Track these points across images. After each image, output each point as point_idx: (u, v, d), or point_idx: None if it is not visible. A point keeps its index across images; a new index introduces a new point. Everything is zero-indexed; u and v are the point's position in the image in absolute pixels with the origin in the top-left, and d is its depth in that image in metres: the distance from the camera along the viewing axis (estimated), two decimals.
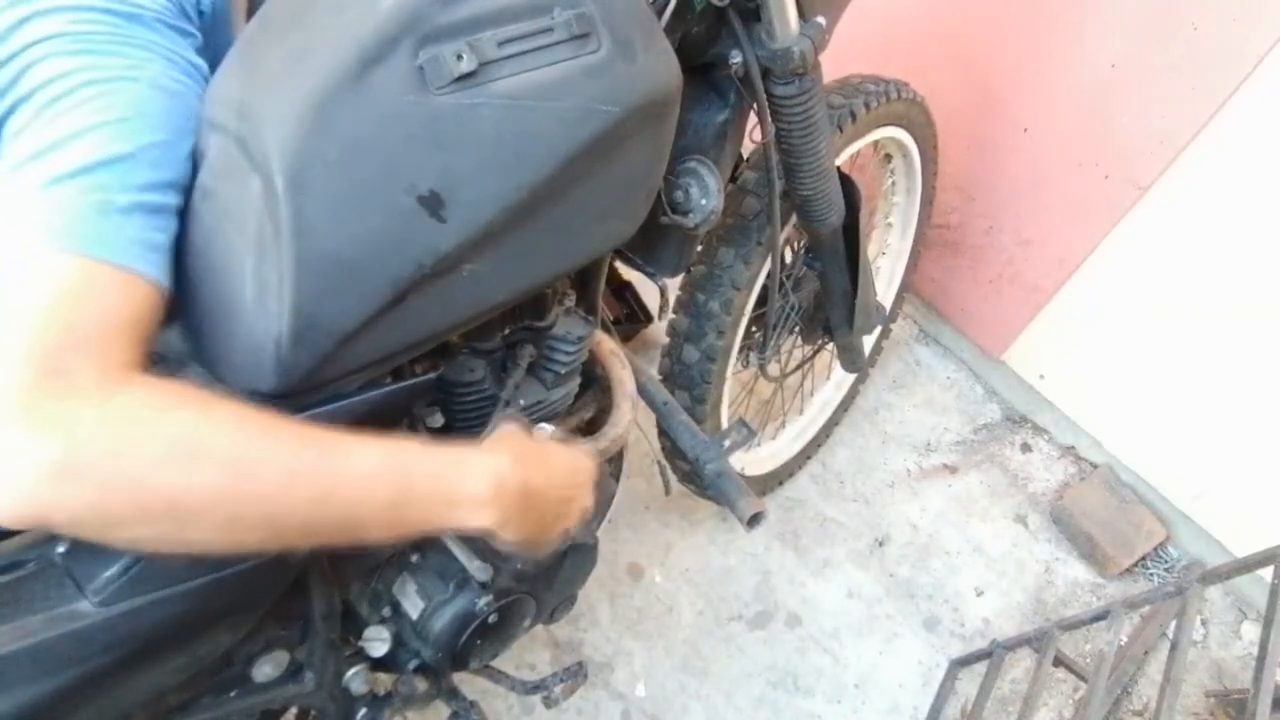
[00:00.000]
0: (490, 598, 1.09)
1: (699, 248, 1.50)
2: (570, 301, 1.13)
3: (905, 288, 2.22)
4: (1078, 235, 2.01)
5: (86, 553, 0.75)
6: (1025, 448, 2.36)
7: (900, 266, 2.17)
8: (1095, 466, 2.29)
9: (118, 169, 0.68)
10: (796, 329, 1.84)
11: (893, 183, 2.03)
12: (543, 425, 1.08)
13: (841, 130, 1.54)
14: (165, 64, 0.75)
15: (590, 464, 0.99)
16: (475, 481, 0.80)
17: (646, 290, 1.53)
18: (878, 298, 1.83)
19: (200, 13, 0.83)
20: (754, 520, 1.25)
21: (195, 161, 0.81)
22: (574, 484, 0.95)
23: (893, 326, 2.28)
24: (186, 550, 0.66)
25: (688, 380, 1.64)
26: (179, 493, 0.63)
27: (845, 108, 1.56)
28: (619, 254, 1.38)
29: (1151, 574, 2.15)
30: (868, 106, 1.59)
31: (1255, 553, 1.45)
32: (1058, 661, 1.69)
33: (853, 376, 2.19)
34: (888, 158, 1.96)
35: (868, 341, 2.07)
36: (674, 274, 1.39)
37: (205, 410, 0.66)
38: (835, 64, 1.45)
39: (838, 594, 2.02)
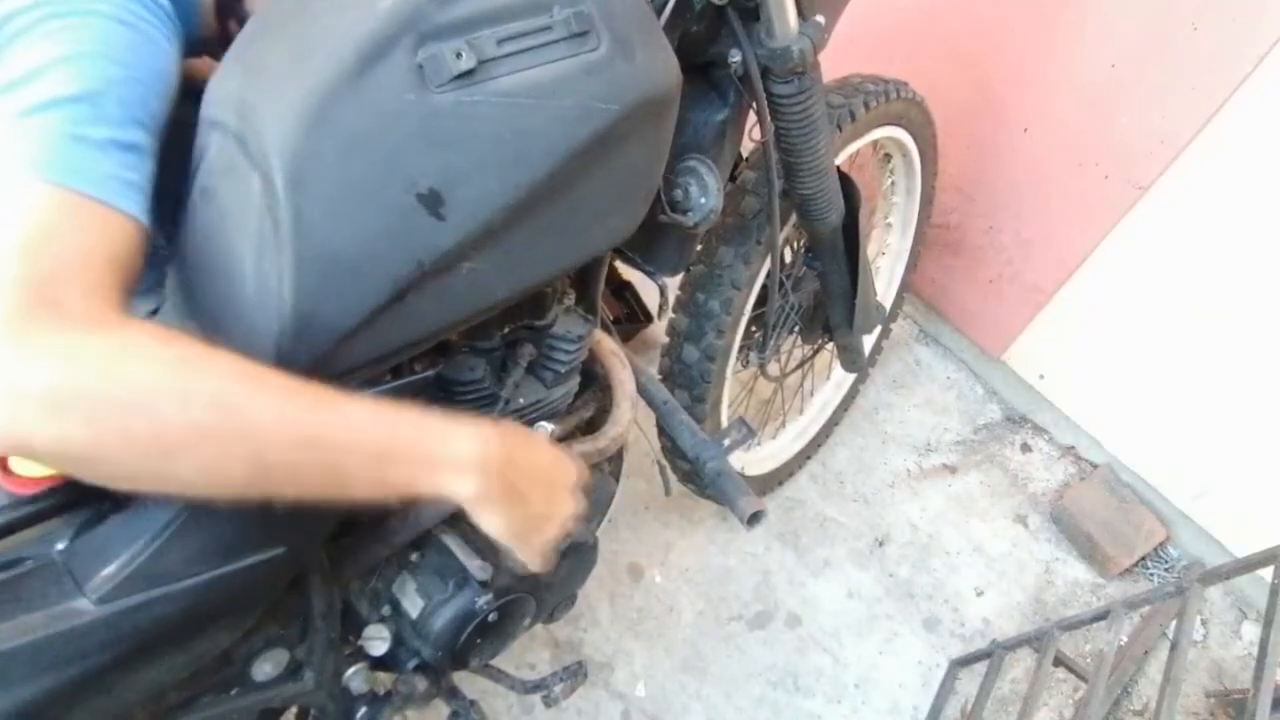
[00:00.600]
0: (490, 597, 1.08)
1: (699, 247, 1.50)
2: (570, 300, 1.13)
3: (905, 287, 2.22)
4: (1078, 235, 2.02)
5: (86, 550, 0.75)
6: (1025, 448, 2.36)
7: (900, 266, 2.17)
8: (1095, 466, 2.29)
9: (88, 104, 0.69)
10: (796, 329, 1.84)
11: (892, 182, 2.03)
12: (543, 424, 1.08)
13: (841, 130, 1.55)
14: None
15: (578, 468, 0.96)
16: (460, 445, 0.78)
17: (646, 290, 1.53)
18: (877, 297, 1.83)
19: None
20: (754, 519, 1.25)
21: (195, 158, 0.81)
22: (560, 481, 0.93)
23: (892, 326, 2.28)
24: (166, 489, 0.66)
25: (688, 380, 1.64)
26: (167, 427, 0.63)
27: (845, 107, 1.56)
28: (619, 253, 1.38)
29: (1151, 574, 2.15)
30: (867, 106, 1.59)
31: (1255, 553, 1.45)
32: (1058, 661, 1.69)
33: (852, 376, 2.19)
34: (887, 157, 1.96)
35: (867, 341, 2.07)
36: (674, 273, 1.39)
37: (197, 351, 0.66)
38: (835, 64, 1.45)
39: (838, 594, 2.02)
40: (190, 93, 0.91)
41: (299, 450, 0.69)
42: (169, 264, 0.86)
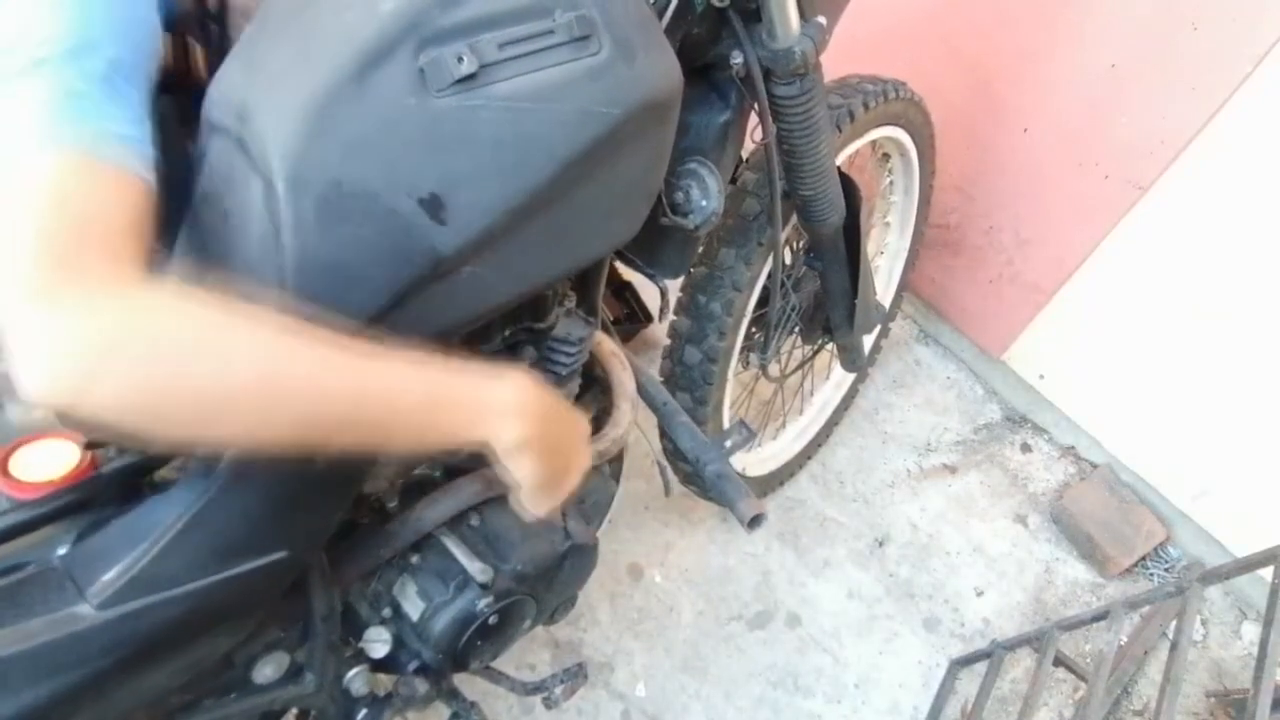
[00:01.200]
0: (490, 599, 1.08)
1: (700, 249, 1.50)
2: (570, 303, 1.13)
3: (904, 287, 2.22)
4: (1078, 235, 2.02)
5: (87, 555, 0.75)
6: (1025, 448, 2.36)
7: (899, 266, 2.17)
8: (1095, 466, 2.29)
9: (81, 60, 0.67)
10: (796, 329, 1.84)
11: (891, 182, 2.03)
12: None
13: (840, 130, 1.54)
14: None
15: (585, 425, 0.99)
16: (503, 392, 0.80)
17: (646, 290, 1.53)
18: (877, 297, 1.83)
19: None
20: (754, 522, 1.25)
21: (195, 161, 0.81)
22: (579, 435, 0.95)
23: (892, 326, 2.28)
24: (213, 442, 0.67)
25: (689, 382, 1.64)
26: (210, 387, 0.63)
27: (844, 107, 1.56)
28: (620, 255, 1.38)
29: (1151, 574, 2.15)
30: (866, 106, 1.59)
31: (1255, 553, 1.45)
32: (1058, 661, 1.69)
33: (852, 376, 2.19)
34: (886, 157, 1.96)
35: (867, 341, 2.07)
36: (675, 275, 1.39)
37: (235, 309, 0.66)
38: (834, 65, 1.45)
39: (838, 594, 2.02)
40: (188, 93, 0.91)
41: (344, 404, 0.69)
42: (168, 267, 0.86)
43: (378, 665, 1.13)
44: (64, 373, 0.59)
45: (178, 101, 0.88)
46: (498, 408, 0.80)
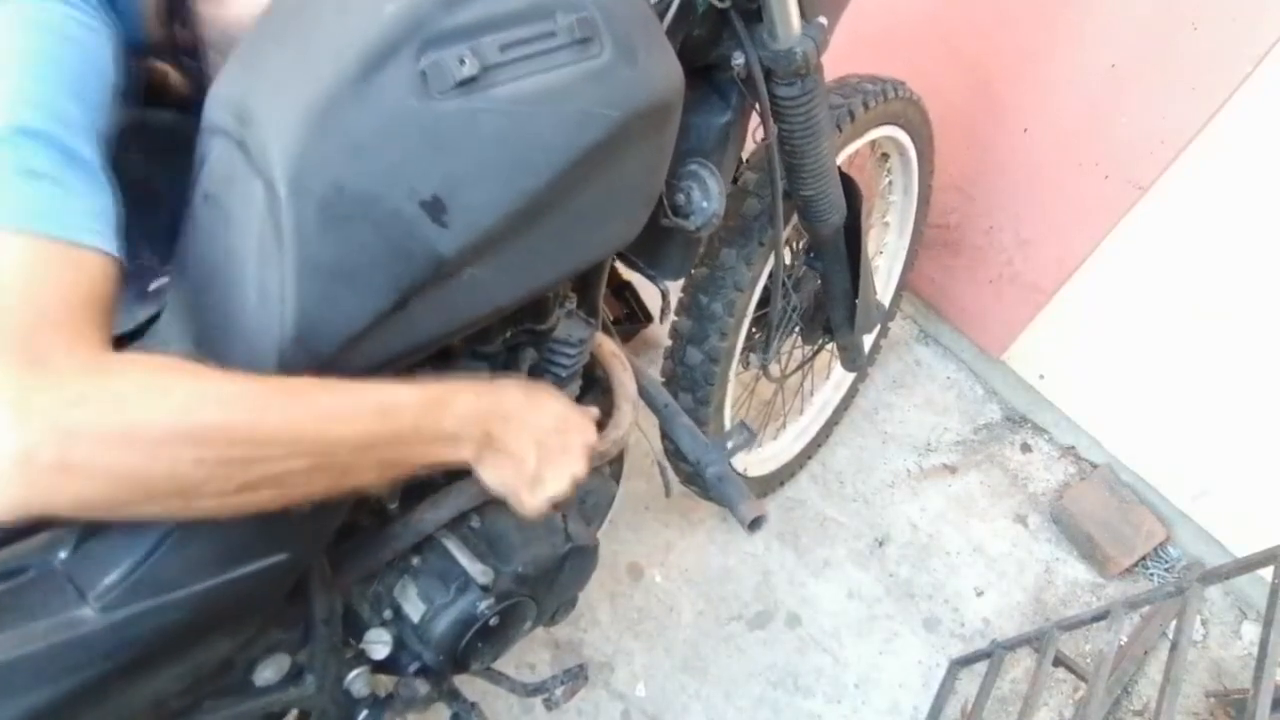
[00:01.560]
0: (491, 600, 1.08)
1: (701, 250, 1.50)
2: (571, 304, 1.13)
3: (903, 286, 2.22)
4: (1078, 235, 2.01)
5: (88, 559, 0.75)
6: (1025, 448, 2.36)
7: (898, 265, 2.17)
8: (1095, 466, 2.29)
9: (30, 135, 0.65)
10: (796, 329, 1.84)
11: (890, 182, 2.03)
12: None
13: (840, 130, 1.54)
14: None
15: (587, 427, 0.98)
16: (455, 411, 0.81)
17: (647, 290, 1.53)
18: (877, 296, 1.83)
19: None
20: (755, 524, 1.25)
21: (196, 164, 0.81)
22: (560, 443, 0.94)
23: (892, 326, 2.28)
24: (190, 517, 0.66)
25: (691, 382, 1.64)
26: (183, 472, 0.62)
27: (844, 107, 1.56)
28: (622, 257, 1.38)
29: (1151, 574, 2.16)
30: (866, 106, 1.59)
31: (1255, 553, 1.45)
32: (1058, 661, 1.69)
33: (852, 376, 2.19)
34: (884, 157, 1.96)
35: (866, 341, 2.07)
36: (678, 277, 1.39)
37: (200, 387, 0.65)
38: (834, 65, 1.45)
39: (838, 594, 2.02)
40: (175, 103, 0.91)
41: (313, 464, 0.70)
42: (169, 270, 0.86)
43: (379, 667, 1.13)
44: (33, 483, 0.57)
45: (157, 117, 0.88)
46: (449, 435, 0.81)
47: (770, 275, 1.55)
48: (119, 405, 0.61)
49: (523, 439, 0.89)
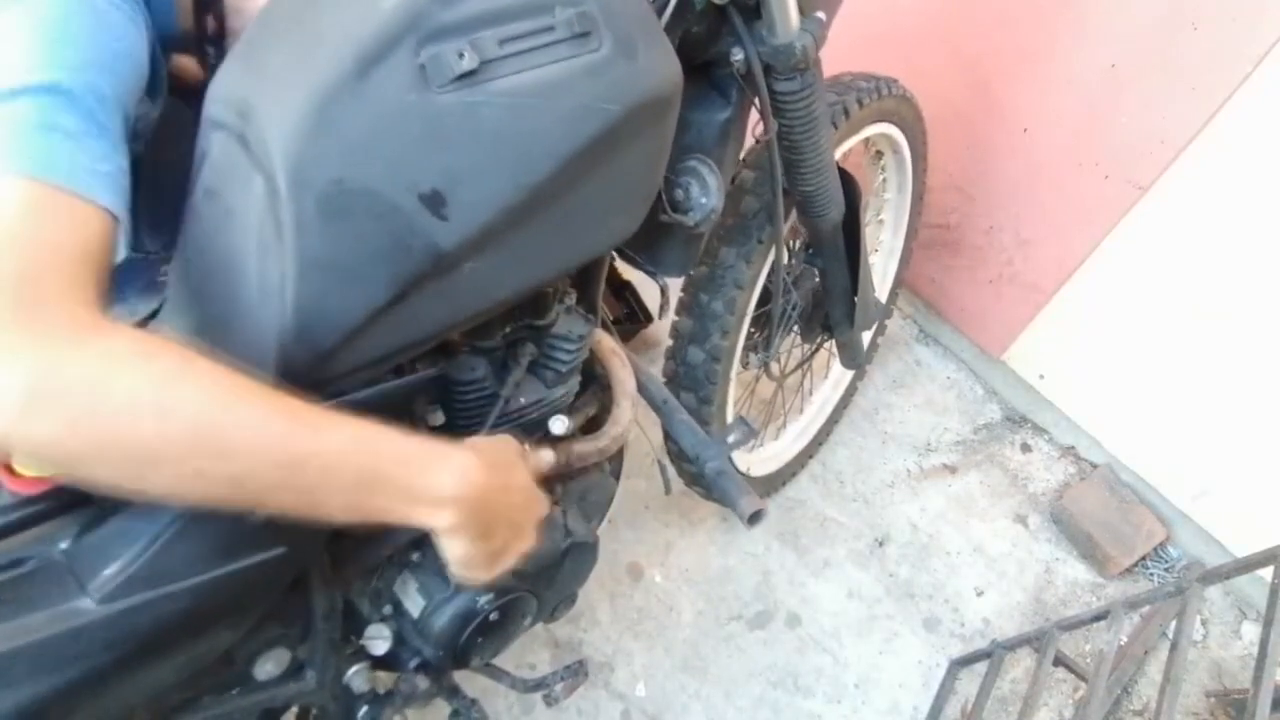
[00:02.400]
0: (491, 596, 1.09)
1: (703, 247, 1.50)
2: (571, 300, 1.13)
3: (899, 284, 2.22)
4: (1078, 235, 2.02)
5: (88, 551, 0.76)
6: (1025, 448, 2.36)
7: (894, 263, 2.17)
8: (1095, 466, 2.29)
9: (57, 93, 0.66)
10: (795, 328, 1.84)
11: (884, 179, 2.03)
12: (558, 417, 1.09)
13: (836, 127, 1.54)
14: None
15: (542, 505, 0.96)
16: (441, 479, 0.78)
17: (646, 290, 1.53)
18: (875, 293, 1.83)
19: None
20: (754, 518, 1.25)
21: (197, 158, 0.81)
22: (524, 521, 0.92)
23: (892, 326, 2.29)
24: (143, 495, 0.65)
25: (693, 382, 1.64)
26: (145, 440, 0.62)
27: (839, 104, 1.56)
28: (623, 254, 1.38)
29: (1151, 574, 2.16)
30: (860, 103, 1.60)
31: (1255, 553, 1.45)
32: (1058, 661, 1.69)
33: (850, 374, 2.19)
34: (878, 155, 1.96)
35: (865, 338, 2.07)
36: (680, 274, 1.38)
37: (183, 364, 0.65)
38: (832, 64, 1.45)
39: (838, 594, 2.02)
40: (184, 92, 0.91)
41: (277, 471, 0.68)
42: (169, 263, 0.86)
43: (378, 662, 1.13)
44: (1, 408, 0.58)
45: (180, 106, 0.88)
46: (431, 498, 0.77)
47: (770, 273, 1.55)
48: (101, 359, 0.61)
49: (499, 523, 0.86)
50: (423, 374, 0.95)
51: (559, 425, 1.12)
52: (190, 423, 0.63)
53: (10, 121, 0.64)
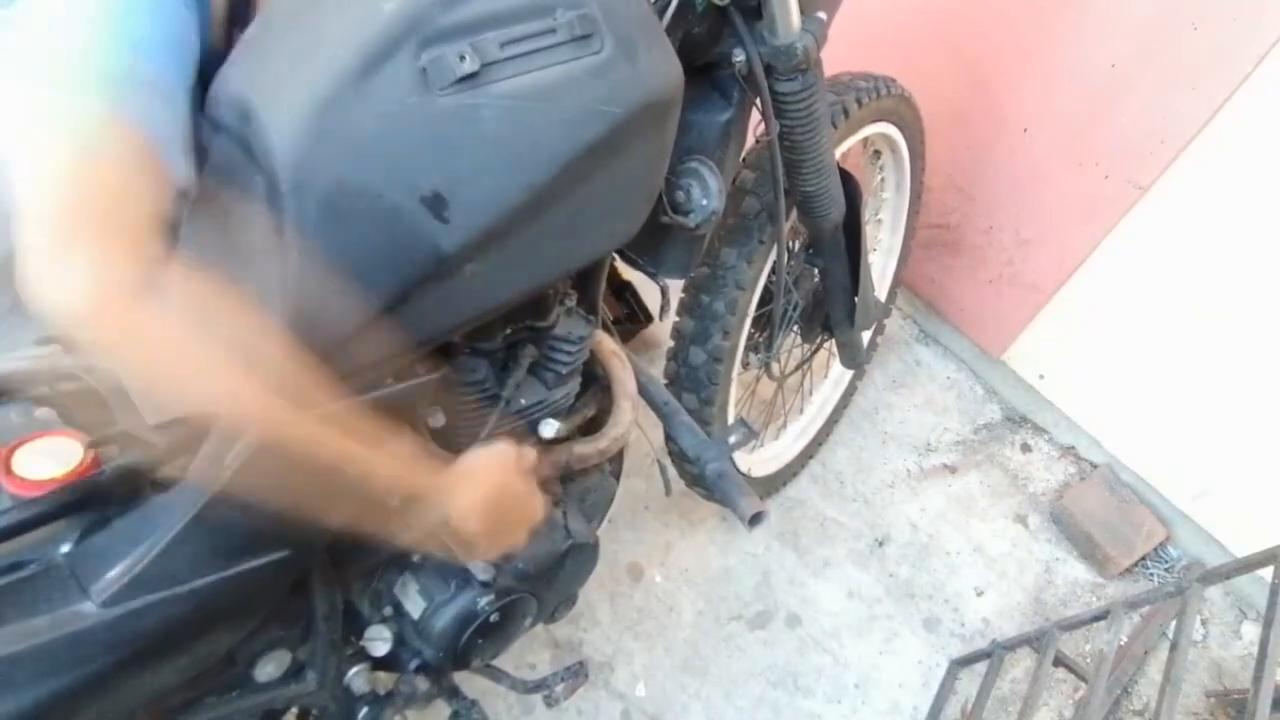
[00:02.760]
0: (491, 597, 1.09)
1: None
2: (571, 302, 1.13)
3: (898, 283, 2.22)
4: (1078, 235, 2.02)
5: (90, 554, 0.76)
6: (1025, 448, 2.36)
7: (892, 262, 2.17)
8: (1095, 466, 2.29)
9: (140, 51, 0.69)
10: (796, 327, 1.84)
11: (882, 179, 2.03)
12: (549, 421, 1.09)
13: (835, 127, 1.54)
14: None
15: (538, 511, 1.04)
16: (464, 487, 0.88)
17: (647, 290, 1.53)
18: (874, 293, 1.83)
19: None
20: (755, 520, 1.25)
21: (198, 160, 0.81)
22: (518, 518, 1.01)
23: (892, 326, 2.29)
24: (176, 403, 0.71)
25: (695, 383, 1.64)
26: (209, 376, 0.67)
27: (839, 104, 1.56)
28: (625, 256, 1.38)
29: (1151, 574, 2.16)
30: (860, 103, 1.59)
31: (1255, 553, 1.45)
32: (1058, 661, 1.69)
33: (850, 374, 2.19)
34: (876, 154, 1.96)
35: (864, 338, 2.07)
36: (682, 275, 1.39)
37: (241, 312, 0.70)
38: (832, 64, 1.45)
39: (838, 594, 2.02)
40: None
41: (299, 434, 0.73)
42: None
43: (379, 663, 1.13)
44: (73, 312, 0.62)
45: None
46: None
47: (772, 272, 1.55)
48: (127, 309, 0.64)
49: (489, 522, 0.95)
50: (424, 376, 0.95)
51: (549, 429, 1.12)
52: (235, 364, 0.68)
53: (98, 66, 0.67)
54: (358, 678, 1.10)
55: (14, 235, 0.63)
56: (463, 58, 0.77)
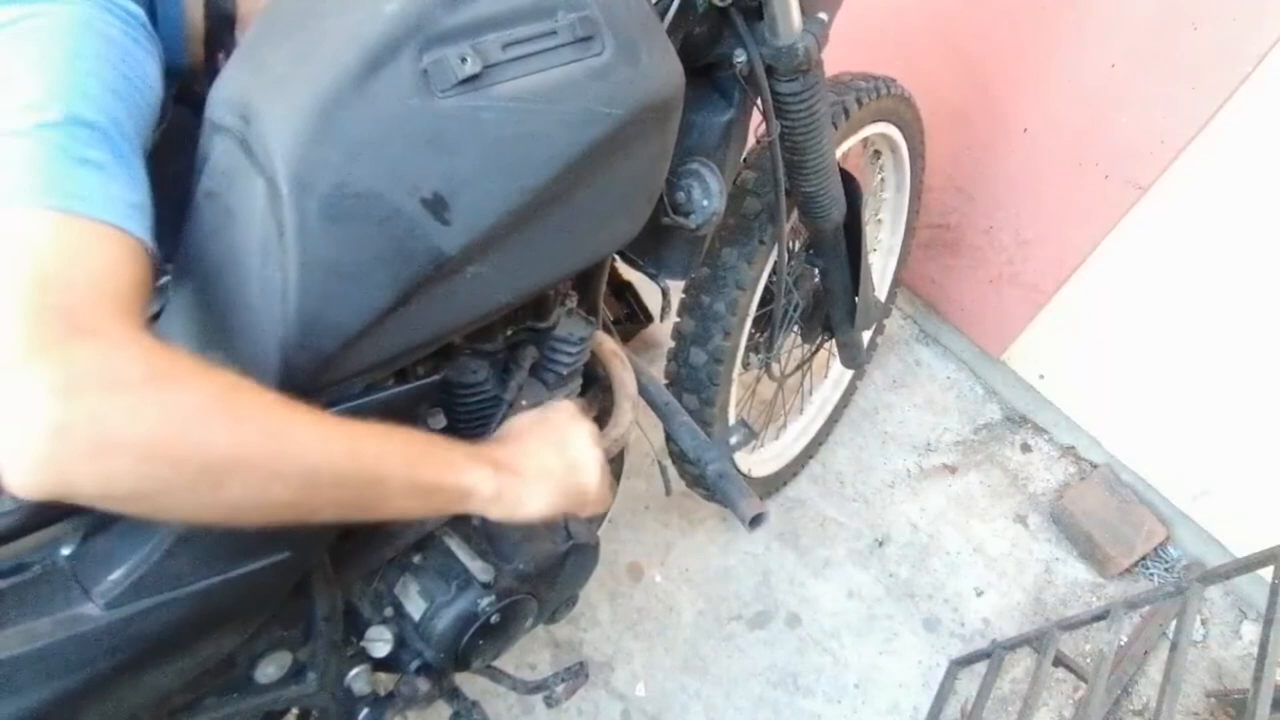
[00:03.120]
0: (492, 598, 1.08)
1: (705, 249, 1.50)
2: (572, 303, 1.13)
3: (898, 283, 2.22)
4: (1078, 235, 2.02)
5: (92, 556, 0.76)
6: (1025, 448, 2.36)
7: (892, 262, 2.17)
8: (1095, 466, 2.29)
9: (84, 125, 0.66)
10: (796, 327, 1.84)
11: (882, 179, 2.03)
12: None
13: (836, 127, 1.54)
14: (93, 6, 0.71)
15: (599, 460, 0.99)
16: (470, 479, 0.82)
17: (647, 290, 1.53)
18: (874, 293, 1.83)
19: None
20: (756, 522, 1.25)
21: (198, 161, 0.81)
22: (585, 472, 0.97)
23: (893, 327, 2.29)
24: (208, 517, 0.65)
25: (696, 383, 1.64)
26: (217, 452, 0.61)
27: (839, 104, 1.56)
28: (626, 257, 1.38)
29: (1151, 574, 2.16)
30: (860, 103, 1.59)
31: (1255, 553, 1.45)
32: (1058, 661, 1.69)
33: (850, 374, 2.19)
34: (876, 154, 1.96)
35: (864, 338, 2.07)
36: (683, 277, 1.38)
37: (235, 379, 0.65)
38: (832, 64, 1.45)
39: (838, 594, 2.02)
40: (186, 97, 0.91)
41: (341, 469, 0.69)
42: (171, 267, 0.86)
43: (379, 664, 1.13)
44: (62, 455, 0.55)
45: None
46: (470, 501, 0.83)
47: (772, 273, 1.55)
48: (165, 381, 0.60)
49: (551, 479, 0.91)
50: (425, 379, 0.95)
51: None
52: (257, 430, 0.64)
53: (39, 154, 0.63)
54: (358, 679, 1.10)
55: None
56: (464, 60, 0.77)
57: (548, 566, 1.15)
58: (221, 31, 0.89)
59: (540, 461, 0.91)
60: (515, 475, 0.87)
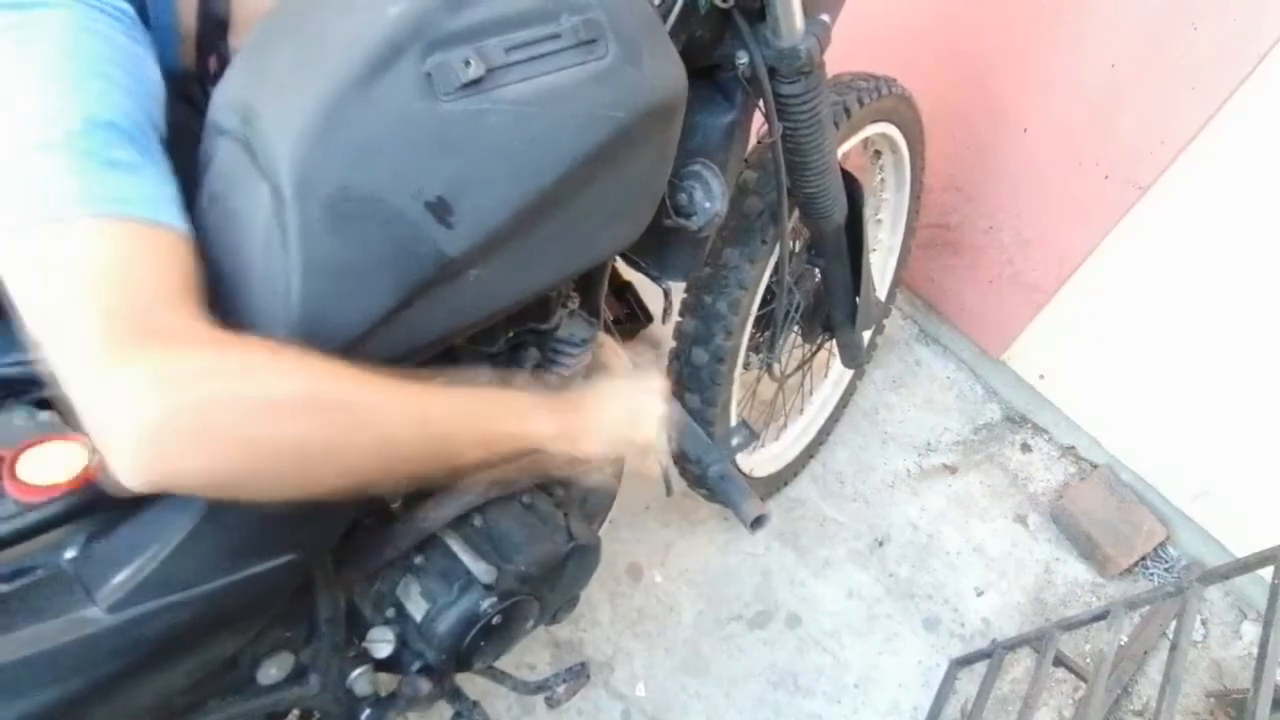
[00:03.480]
0: (494, 599, 1.09)
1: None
2: (574, 304, 1.13)
3: (898, 282, 2.22)
4: (1078, 235, 2.02)
5: (96, 559, 0.75)
6: (1025, 448, 2.36)
7: (892, 262, 2.17)
8: (1095, 466, 2.29)
9: (106, 128, 0.66)
10: (797, 327, 1.84)
11: (881, 179, 2.03)
12: None
13: (837, 127, 1.54)
14: (85, 8, 0.71)
15: (658, 390, 1.06)
16: (536, 424, 0.89)
17: (648, 291, 1.53)
18: (875, 293, 1.83)
19: None
20: (757, 523, 1.25)
21: (201, 164, 0.81)
22: (635, 416, 1.02)
23: (892, 326, 2.29)
24: (303, 492, 0.67)
25: (698, 383, 1.64)
26: (309, 431, 0.64)
27: (840, 104, 1.56)
28: (628, 259, 1.38)
29: (1151, 574, 2.16)
30: (860, 103, 1.59)
31: (1255, 553, 1.45)
32: (1058, 661, 1.69)
33: (850, 374, 2.19)
34: (876, 154, 1.96)
35: (865, 338, 2.07)
36: (684, 278, 1.39)
37: (307, 357, 0.68)
38: (832, 64, 1.45)
39: (838, 594, 2.03)
40: (191, 100, 0.91)
41: (415, 435, 0.74)
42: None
43: (381, 665, 1.13)
44: (165, 452, 0.58)
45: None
46: (537, 439, 0.88)
47: (774, 273, 1.55)
48: (250, 374, 0.63)
49: (616, 430, 0.98)
50: (426, 379, 0.95)
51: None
52: (339, 405, 0.67)
53: (70, 164, 0.64)
54: (360, 680, 1.10)
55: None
56: (468, 63, 0.77)
57: (549, 567, 1.15)
58: (214, 35, 0.89)
59: (602, 404, 0.97)
60: (575, 414, 0.93)
